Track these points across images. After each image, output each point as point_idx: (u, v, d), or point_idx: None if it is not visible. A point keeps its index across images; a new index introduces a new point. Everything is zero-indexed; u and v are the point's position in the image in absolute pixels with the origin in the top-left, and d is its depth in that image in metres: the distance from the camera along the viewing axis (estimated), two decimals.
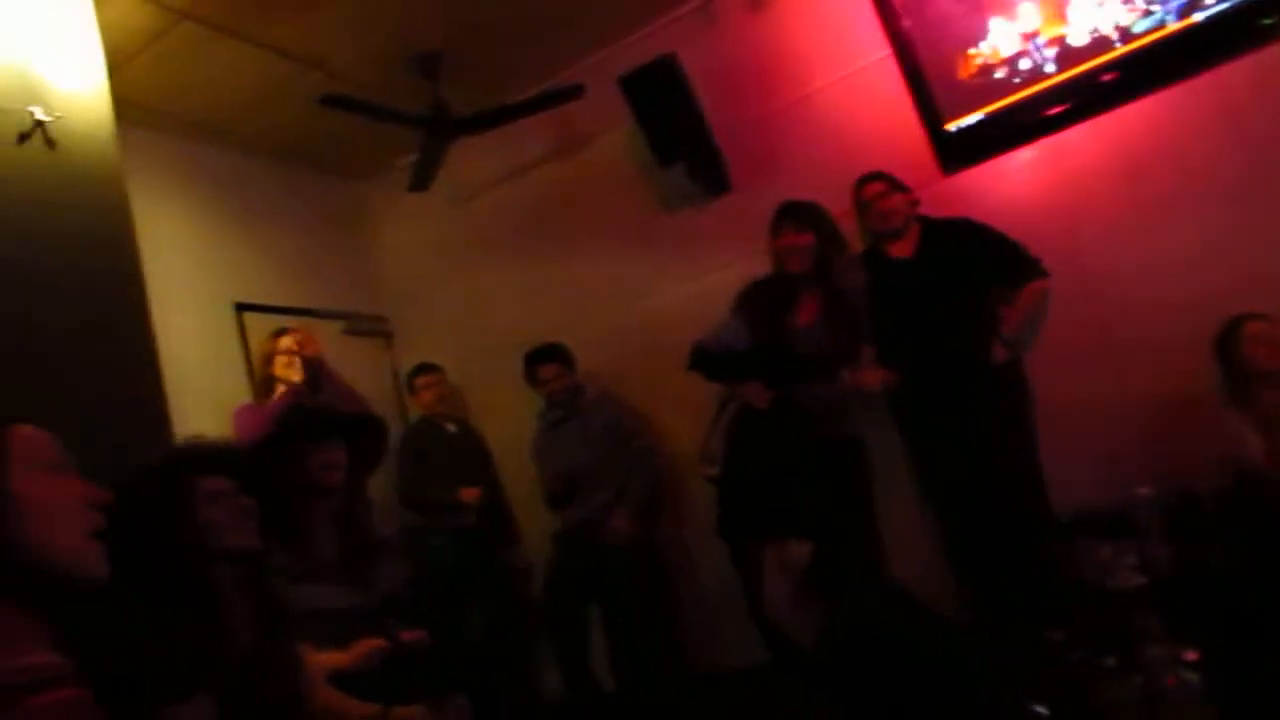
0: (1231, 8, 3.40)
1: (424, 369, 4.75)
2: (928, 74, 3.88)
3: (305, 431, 2.62)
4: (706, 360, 3.62)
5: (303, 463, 2.56)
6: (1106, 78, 3.61)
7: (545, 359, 4.35)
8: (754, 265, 3.94)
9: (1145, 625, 1.34)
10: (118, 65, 3.46)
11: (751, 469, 3.43)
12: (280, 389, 3.69)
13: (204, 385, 4.00)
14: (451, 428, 4.66)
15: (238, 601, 1.97)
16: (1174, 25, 3.49)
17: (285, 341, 3.76)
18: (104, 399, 2.66)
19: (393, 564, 2.75)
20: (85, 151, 2.84)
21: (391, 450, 4.36)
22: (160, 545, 1.80)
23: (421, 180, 4.61)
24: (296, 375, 3.68)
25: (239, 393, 4.16)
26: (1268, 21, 3.38)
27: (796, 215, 3.55)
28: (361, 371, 4.84)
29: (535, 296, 4.94)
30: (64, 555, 1.23)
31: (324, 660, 2.26)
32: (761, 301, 3.54)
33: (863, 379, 3.39)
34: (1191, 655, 1.36)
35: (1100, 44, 3.60)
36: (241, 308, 4.41)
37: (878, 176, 3.75)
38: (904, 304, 3.61)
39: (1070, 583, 1.92)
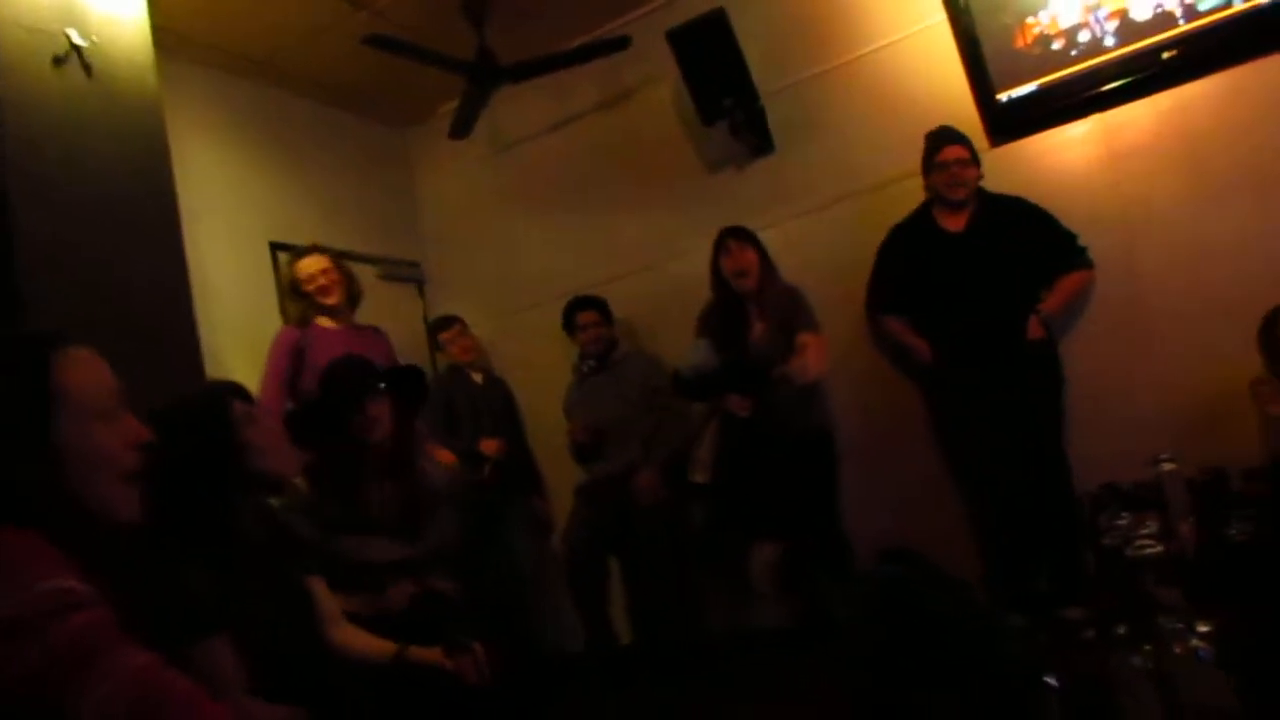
0: None
1: (444, 322, 4.74)
2: (983, 41, 3.78)
3: (347, 389, 2.62)
4: (687, 385, 3.85)
5: (346, 420, 2.56)
6: (1168, 55, 3.50)
7: (585, 306, 4.38)
8: (793, 229, 3.90)
9: (1160, 594, 1.32)
10: None
11: (737, 476, 3.72)
12: (319, 316, 3.73)
13: (237, 322, 4.04)
14: (478, 378, 4.67)
15: (257, 536, 1.99)
16: (1240, 4, 3.37)
17: (306, 266, 3.75)
18: (135, 329, 2.68)
19: (446, 516, 2.75)
20: (123, 78, 2.85)
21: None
22: (199, 467, 1.81)
23: (462, 127, 4.58)
24: (328, 298, 3.71)
25: (272, 330, 4.19)
26: None
27: (738, 234, 3.79)
28: (393, 317, 4.87)
29: (572, 249, 4.93)
30: (99, 502, 1.26)
31: (352, 604, 2.28)
32: (721, 324, 3.79)
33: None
34: (1204, 626, 1.34)
35: (1164, 20, 3.49)
36: (277, 247, 4.42)
37: (962, 139, 3.64)
38: (949, 278, 3.58)
39: (1094, 557, 1.90)
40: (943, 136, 3.66)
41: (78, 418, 1.25)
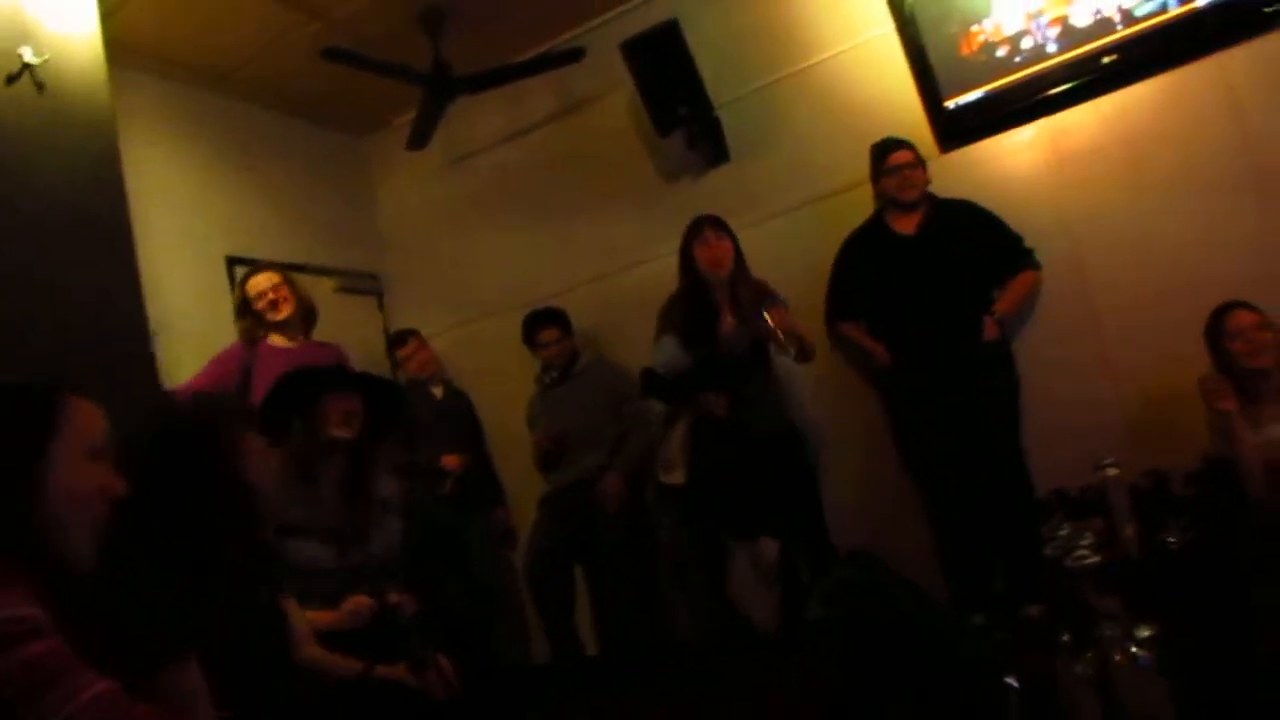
0: None
1: (401, 337, 4.72)
2: (930, 50, 3.85)
3: (325, 378, 2.63)
4: (659, 385, 3.74)
5: (320, 411, 2.55)
6: (1108, 59, 3.60)
7: (546, 322, 4.35)
8: (749, 237, 3.92)
9: (1100, 603, 1.37)
10: (113, 7, 3.44)
11: (716, 473, 3.58)
12: (272, 335, 3.68)
13: (193, 338, 3.99)
14: (438, 392, 4.66)
15: (234, 553, 1.98)
16: (1176, 9, 3.47)
17: (257, 283, 3.70)
18: (88, 346, 2.66)
19: (392, 525, 2.75)
20: (75, 94, 2.82)
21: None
22: (202, 503, 1.79)
23: (420, 138, 4.58)
24: (279, 314, 3.66)
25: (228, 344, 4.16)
26: (1270, 9, 3.36)
27: (716, 223, 3.67)
28: (353, 330, 4.84)
29: (530, 259, 4.93)
30: (64, 544, 1.27)
31: (312, 618, 2.28)
32: (689, 317, 3.64)
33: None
34: (1145, 632, 1.39)
35: (1103, 25, 3.58)
36: (233, 261, 4.38)
37: (908, 144, 3.74)
38: (903, 281, 3.64)
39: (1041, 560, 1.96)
40: (889, 143, 3.76)
41: (71, 455, 1.29)
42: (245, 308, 3.72)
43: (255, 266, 3.87)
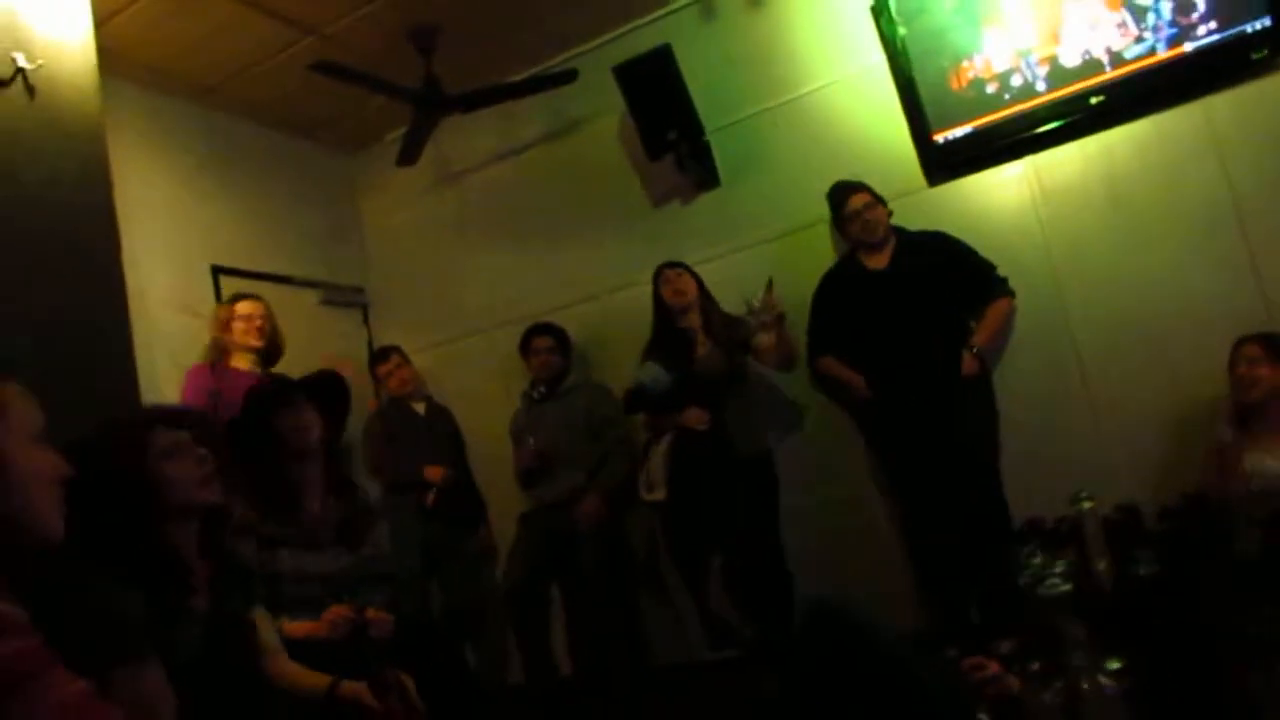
0: (1222, 40, 3.43)
1: (382, 355, 4.70)
2: (920, 84, 3.89)
3: (270, 398, 2.61)
4: (641, 397, 3.86)
5: (274, 428, 2.55)
6: (1095, 100, 3.64)
7: (543, 331, 4.38)
8: (737, 261, 3.97)
9: (1070, 632, 1.37)
10: (106, 16, 3.44)
11: (694, 490, 3.70)
12: (236, 356, 3.73)
13: (176, 346, 3.98)
14: (420, 408, 4.65)
15: (197, 563, 1.97)
16: (1164, 53, 3.52)
17: (243, 307, 3.81)
18: (70, 355, 2.63)
19: (380, 529, 2.75)
20: (66, 101, 2.81)
21: (361, 429, 4.42)
22: (117, 500, 1.79)
23: (410, 155, 4.59)
24: (255, 340, 3.76)
25: None
26: (1257, 55, 3.41)
27: (673, 264, 3.94)
28: (337, 343, 4.83)
29: (516, 278, 4.93)
30: (34, 517, 1.27)
31: (291, 628, 2.27)
32: (667, 348, 3.87)
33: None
34: (1114, 663, 1.40)
35: (1091, 66, 3.63)
36: (218, 270, 4.38)
37: (863, 187, 3.80)
38: (878, 314, 3.67)
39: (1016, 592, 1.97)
40: (842, 190, 3.84)
41: (20, 438, 1.28)
42: (225, 327, 3.79)
43: (240, 295, 3.94)
